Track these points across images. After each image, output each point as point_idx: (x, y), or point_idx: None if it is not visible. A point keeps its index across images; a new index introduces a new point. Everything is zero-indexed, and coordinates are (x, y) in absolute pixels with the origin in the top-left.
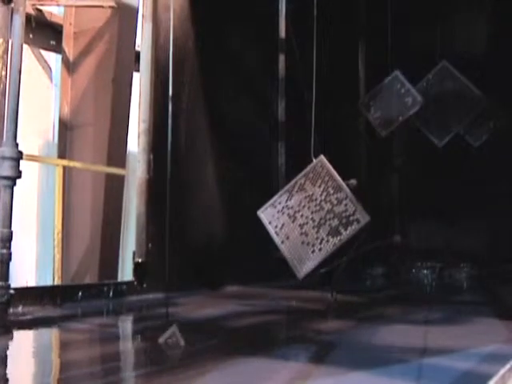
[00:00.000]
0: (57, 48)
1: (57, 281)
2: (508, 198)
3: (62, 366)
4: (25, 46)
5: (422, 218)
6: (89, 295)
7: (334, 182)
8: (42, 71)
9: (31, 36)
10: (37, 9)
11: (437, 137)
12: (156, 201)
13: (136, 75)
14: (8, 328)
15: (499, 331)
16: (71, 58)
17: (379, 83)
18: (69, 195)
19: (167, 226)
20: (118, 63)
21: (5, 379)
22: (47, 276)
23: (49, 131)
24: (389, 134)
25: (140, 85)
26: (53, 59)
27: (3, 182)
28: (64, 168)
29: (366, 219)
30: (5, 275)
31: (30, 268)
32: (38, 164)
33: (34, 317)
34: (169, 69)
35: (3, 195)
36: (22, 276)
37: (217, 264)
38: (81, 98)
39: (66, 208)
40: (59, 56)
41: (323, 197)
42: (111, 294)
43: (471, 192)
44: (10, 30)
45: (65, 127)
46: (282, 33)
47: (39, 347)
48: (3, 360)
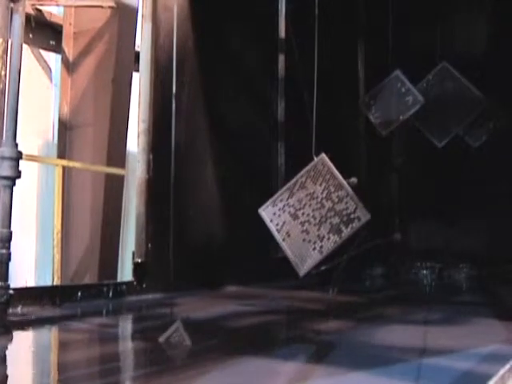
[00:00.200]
0: (56, 48)
1: (56, 281)
2: (508, 198)
3: (62, 367)
4: (24, 46)
5: (422, 218)
6: (88, 295)
7: (335, 180)
8: (42, 71)
9: (31, 36)
10: (36, 9)
11: (437, 137)
12: (156, 201)
13: (136, 75)
14: (7, 328)
15: (499, 331)
16: (71, 58)
17: (379, 83)
18: (68, 195)
19: (171, 226)
20: (118, 63)
21: (4, 379)
22: (46, 276)
23: (48, 131)
24: (389, 134)
25: (140, 85)
26: (52, 59)
27: (3, 182)
28: (63, 168)
29: (367, 217)
30: (4, 275)
31: (30, 268)
32: (38, 164)
33: (34, 317)
34: (172, 68)
35: (2, 195)
36: (22, 276)
37: (217, 264)
38: (80, 98)
39: (66, 208)
40: (59, 56)
41: (324, 195)
42: (111, 294)
43: (471, 192)
44: (10, 30)
45: (64, 127)
46: (282, 33)
47: (39, 347)
48: (2, 360)
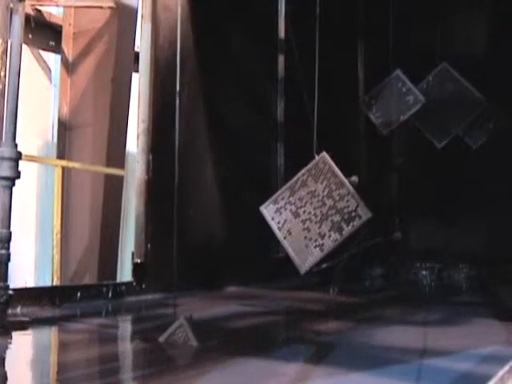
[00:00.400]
0: (56, 48)
1: (56, 281)
2: (508, 198)
3: (62, 367)
4: (24, 47)
5: (422, 218)
6: (88, 296)
7: (337, 179)
8: (42, 71)
9: (30, 36)
10: (36, 9)
11: (437, 138)
12: (155, 201)
13: (135, 75)
14: (7, 329)
15: (498, 332)
16: (70, 59)
17: (379, 83)
18: (68, 196)
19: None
20: (118, 64)
21: (4, 380)
22: (46, 276)
23: (48, 131)
24: (389, 134)
25: (139, 85)
26: (52, 60)
27: (2, 183)
28: (63, 168)
29: (368, 215)
30: (3, 276)
31: (29, 268)
32: (37, 164)
33: (33, 317)
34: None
35: (2, 196)
36: (21, 276)
37: (217, 264)
38: (80, 99)
39: (65, 208)
40: (58, 56)
41: (325, 193)
42: (110, 295)
43: (471, 192)
44: (10, 31)
45: (64, 127)
46: (282, 33)
47: (38, 348)
48: (2, 361)
